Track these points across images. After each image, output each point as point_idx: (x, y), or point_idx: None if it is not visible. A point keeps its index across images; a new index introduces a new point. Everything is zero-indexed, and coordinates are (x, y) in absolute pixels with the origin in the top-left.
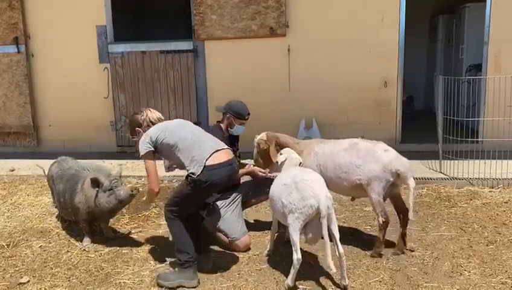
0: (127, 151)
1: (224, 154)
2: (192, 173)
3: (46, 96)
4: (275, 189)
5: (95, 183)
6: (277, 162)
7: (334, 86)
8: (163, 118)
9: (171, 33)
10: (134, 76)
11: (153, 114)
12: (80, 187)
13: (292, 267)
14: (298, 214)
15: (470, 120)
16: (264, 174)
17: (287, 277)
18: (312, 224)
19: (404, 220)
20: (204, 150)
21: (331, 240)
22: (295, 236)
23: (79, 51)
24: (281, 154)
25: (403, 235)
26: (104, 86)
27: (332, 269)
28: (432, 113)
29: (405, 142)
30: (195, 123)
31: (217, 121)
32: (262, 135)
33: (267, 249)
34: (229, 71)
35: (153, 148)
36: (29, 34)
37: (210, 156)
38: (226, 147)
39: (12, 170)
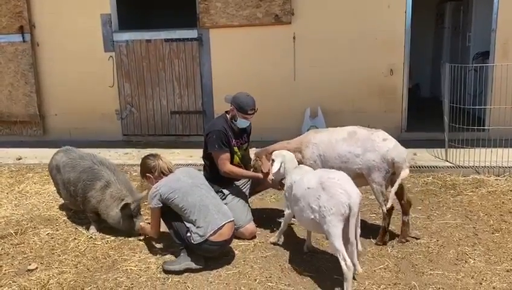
0: (132, 140)
1: (228, 230)
2: (192, 239)
3: (51, 85)
4: (299, 194)
5: (125, 207)
6: (278, 169)
7: (339, 74)
8: (173, 168)
9: (175, 21)
10: (139, 65)
11: (164, 164)
12: (99, 186)
13: (344, 281)
14: (330, 217)
15: (476, 108)
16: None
17: (292, 264)
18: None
19: (404, 208)
20: (209, 222)
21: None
22: (338, 243)
23: (84, 40)
24: (273, 161)
25: (405, 223)
26: (109, 74)
27: (359, 270)
28: (438, 101)
29: (411, 131)
30: (199, 112)
31: (225, 111)
32: (252, 155)
33: (274, 239)
34: (233, 59)
35: (161, 205)
36: (34, 23)
37: (215, 232)
38: (231, 219)
39: (19, 159)
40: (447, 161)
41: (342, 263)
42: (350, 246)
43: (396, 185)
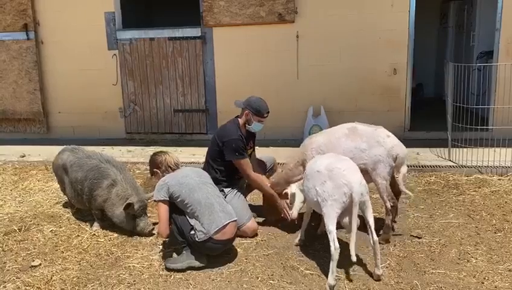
0: (135, 138)
1: (231, 229)
2: (196, 236)
3: (55, 83)
4: (309, 175)
5: (128, 207)
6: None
7: (343, 73)
8: (180, 163)
9: (179, 20)
10: (143, 63)
11: (171, 159)
12: (105, 185)
13: (331, 260)
14: (332, 202)
15: (480, 108)
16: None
17: (294, 262)
18: (347, 214)
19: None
20: (213, 220)
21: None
22: (331, 225)
23: (88, 38)
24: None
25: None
26: (112, 72)
27: (353, 259)
28: (441, 101)
29: (414, 130)
30: (202, 111)
31: (236, 116)
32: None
33: (298, 239)
34: (237, 58)
35: (168, 199)
36: (38, 21)
37: (219, 230)
38: (234, 218)
39: (23, 156)
40: (450, 161)
41: (331, 244)
42: (351, 234)
43: (402, 180)
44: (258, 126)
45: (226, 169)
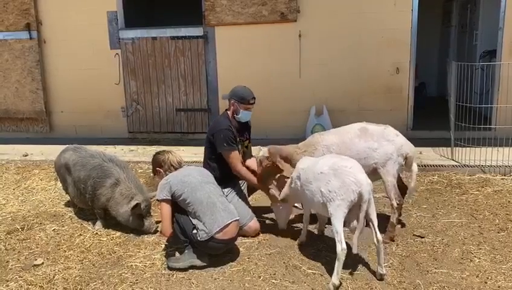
0: (137, 137)
1: (233, 228)
2: (198, 235)
3: (58, 83)
4: (311, 178)
5: (135, 207)
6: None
7: (345, 72)
8: (183, 162)
9: (181, 19)
10: (145, 62)
11: (174, 158)
12: (109, 184)
13: (336, 260)
14: (340, 201)
15: (482, 107)
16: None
17: (296, 261)
18: (353, 212)
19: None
20: (215, 219)
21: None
22: (338, 225)
23: (90, 37)
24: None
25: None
26: (115, 72)
27: (354, 251)
28: (444, 100)
29: (417, 129)
30: (204, 110)
31: (226, 110)
32: (264, 151)
33: (299, 240)
34: (239, 57)
35: (170, 198)
36: (41, 20)
37: (221, 230)
38: (237, 218)
39: (26, 155)
40: (453, 160)
41: (338, 245)
42: (356, 230)
43: (414, 179)
44: (246, 114)
45: (219, 166)
